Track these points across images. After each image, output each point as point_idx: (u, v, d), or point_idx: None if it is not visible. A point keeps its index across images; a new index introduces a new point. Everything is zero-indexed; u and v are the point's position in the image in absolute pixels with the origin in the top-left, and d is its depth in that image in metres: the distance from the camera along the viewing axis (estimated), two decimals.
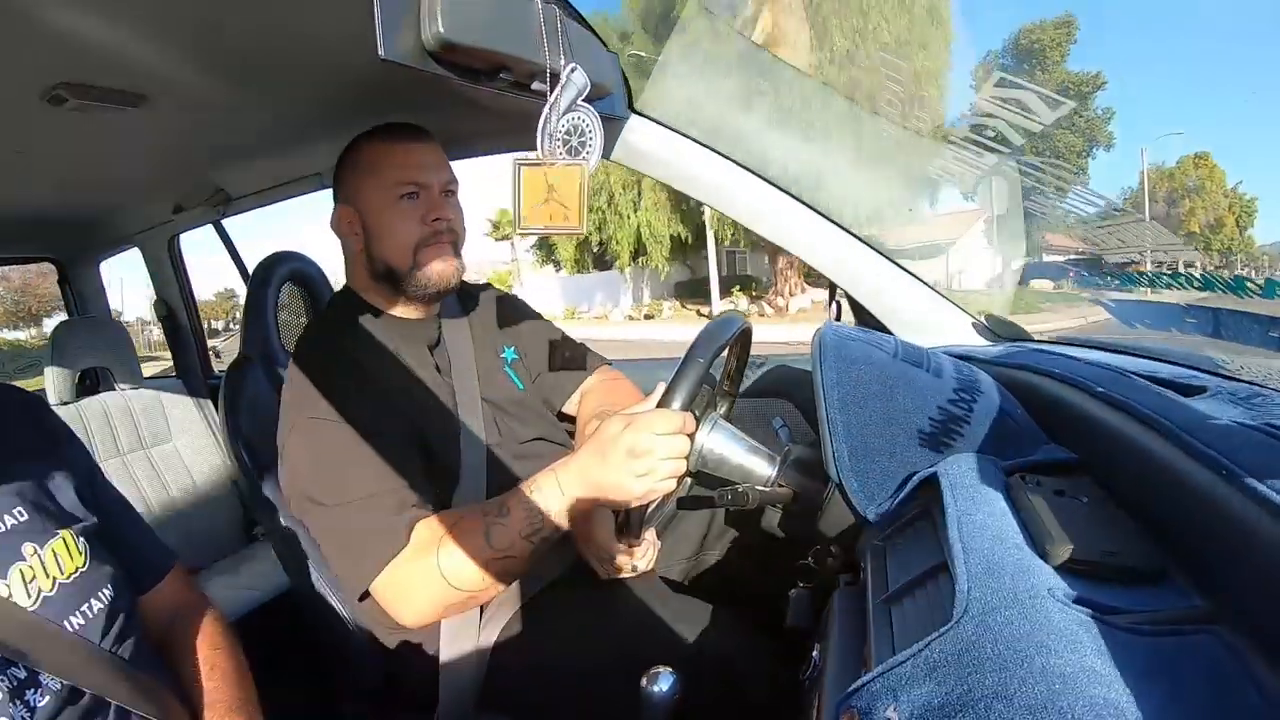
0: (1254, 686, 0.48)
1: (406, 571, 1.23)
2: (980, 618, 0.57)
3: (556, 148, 1.10)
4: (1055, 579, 0.61)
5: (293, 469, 1.35)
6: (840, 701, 0.59)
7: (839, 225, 1.69)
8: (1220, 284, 1.10)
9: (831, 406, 0.99)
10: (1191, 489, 0.62)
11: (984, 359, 1.32)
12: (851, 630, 0.85)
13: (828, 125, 1.85)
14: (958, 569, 0.64)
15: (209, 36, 1.20)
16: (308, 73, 1.39)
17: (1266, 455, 0.60)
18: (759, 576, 1.44)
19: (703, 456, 1.32)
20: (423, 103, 1.56)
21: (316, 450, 1.32)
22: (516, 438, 1.55)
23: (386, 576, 1.23)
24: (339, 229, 1.48)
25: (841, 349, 1.05)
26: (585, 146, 1.12)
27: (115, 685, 0.95)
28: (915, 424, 0.97)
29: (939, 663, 0.55)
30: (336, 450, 1.30)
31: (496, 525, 1.20)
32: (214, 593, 1.73)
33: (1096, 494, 0.79)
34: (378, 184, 1.41)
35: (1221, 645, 0.52)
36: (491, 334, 1.68)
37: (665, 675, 1.09)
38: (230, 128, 1.70)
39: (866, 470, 0.96)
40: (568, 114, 1.11)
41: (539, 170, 1.09)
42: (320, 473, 1.30)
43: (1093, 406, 0.90)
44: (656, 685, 1.08)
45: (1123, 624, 0.55)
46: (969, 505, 0.76)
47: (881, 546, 0.90)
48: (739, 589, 1.51)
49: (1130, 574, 0.63)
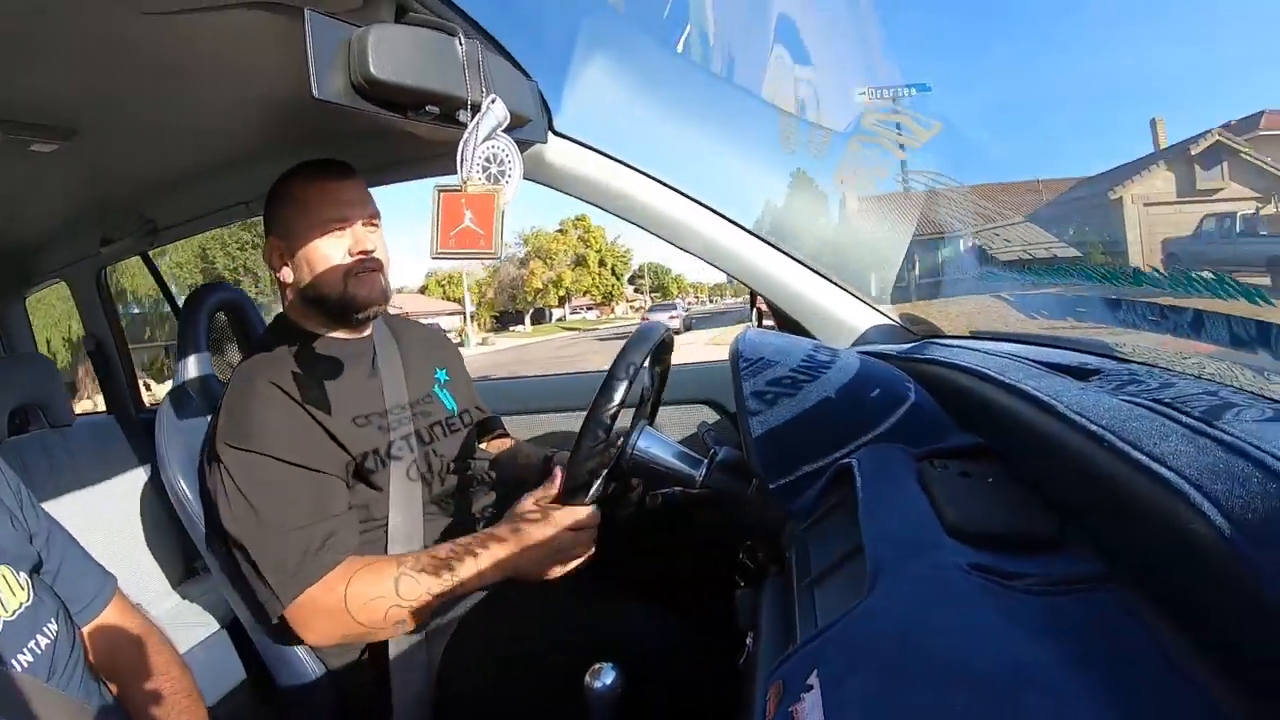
0: (1148, 637, 0.51)
1: (315, 601, 1.29)
2: (889, 589, 0.60)
3: (476, 173, 1.12)
4: (960, 550, 0.64)
5: (219, 496, 1.38)
6: (768, 676, 0.62)
7: (756, 235, 1.73)
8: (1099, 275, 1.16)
9: (750, 409, 1.03)
10: (1084, 463, 0.66)
11: (896, 355, 1.37)
12: (780, 615, 0.88)
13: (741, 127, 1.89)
14: (868, 548, 0.67)
15: (143, 71, 1.20)
16: (239, 104, 1.41)
17: (1149, 427, 0.64)
18: (693, 573, 1.48)
19: (633, 461, 1.35)
20: (350, 132, 1.60)
21: (244, 479, 1.35)
22: (448, 455, 1.58)
23: (298, 605, 1.30)
24: (270, 260, 1.54)
25: (757, 352, 1.10)
26: (504, 175, 1.14)
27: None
28: (829, 419, 1.01)
29: (853, 632, 0.57)
30: (263, 480, 1.34)
31: (407, 577, 1.28)
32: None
33: (1000, 474, 0.83)
34: (307, 220, 1.47)
35: (1117, 602, 0.55)
36: (424, 357, 1.73)
37: (607, 670, 1.12)
38: (159, 159, 1.70)
39: (786, 466, 0.99)
40: (487, 142, 1.13)
41: (457, 196, 1.10)
42: (246, 501, 1.33)
43: (994, 394, 0.94)
44: (599, 680, 1.11)
45: (1021, 587, 0.58)
46: (880, 490, 0.80)
47: (803, 536, 0.93)
48: (675, 586, 1.54)
49: (1030, 542, 0.66)
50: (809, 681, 0.54)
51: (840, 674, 0.54)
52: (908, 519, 0.71)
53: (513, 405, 2.20)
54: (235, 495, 1.35)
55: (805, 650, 0.60)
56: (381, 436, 1.48)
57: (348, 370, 1.52)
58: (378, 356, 1.60)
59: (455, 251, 1.11)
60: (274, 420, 1.38)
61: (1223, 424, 0.61)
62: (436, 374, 1.73)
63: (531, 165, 1.65)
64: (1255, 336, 0.84)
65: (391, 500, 1.45)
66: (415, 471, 1.48)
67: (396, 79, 1.07)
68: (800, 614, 0.78)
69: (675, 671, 1.30)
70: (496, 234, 1.12)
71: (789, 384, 1.04)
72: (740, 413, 1.05)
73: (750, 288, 1.77)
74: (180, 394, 1.71)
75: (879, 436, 0.98)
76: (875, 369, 1.11)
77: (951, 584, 0.58)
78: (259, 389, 1.40)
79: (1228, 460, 0.53)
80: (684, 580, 1.54)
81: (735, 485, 1.25)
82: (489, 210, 1.11)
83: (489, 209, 1.11)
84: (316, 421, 1.41)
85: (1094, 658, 0.49)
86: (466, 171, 1.11)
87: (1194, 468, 0.54)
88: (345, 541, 1.34)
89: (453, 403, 1.71)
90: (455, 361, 1.84)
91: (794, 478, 0.98)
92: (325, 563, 1.30)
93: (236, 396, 1.42)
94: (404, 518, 1.45)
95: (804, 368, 1.06)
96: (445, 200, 1.10)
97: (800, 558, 0.89)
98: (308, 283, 1.49)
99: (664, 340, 1.40)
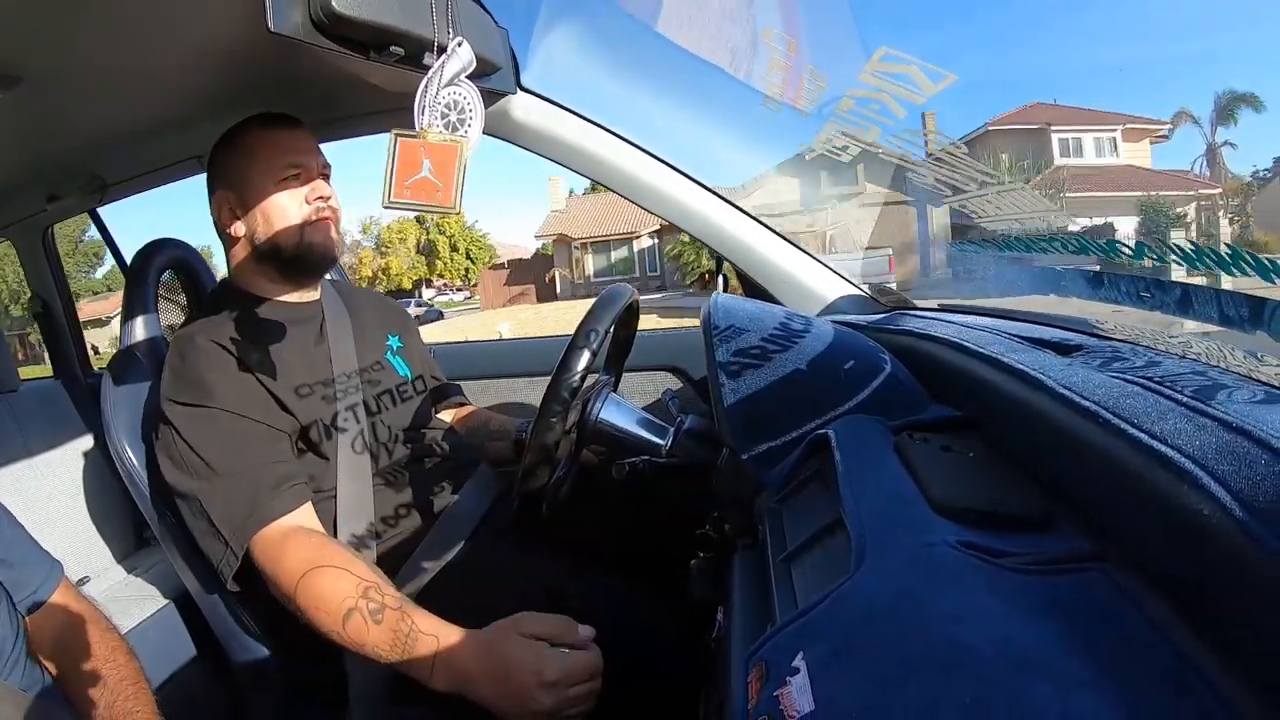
0: (1142, 616, 0.50)
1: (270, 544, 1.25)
2: (876, 567, 0.58)
3: (435, 120, 1.07)
4: (946, 527, 0.63)
5: (167, 456, 1.34)
6: (749, 657, 0.59)
7: (726, 199, 1.71)
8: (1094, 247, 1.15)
9: (721, 375, 1.00)
10: (1074, 439, 0.65)
11: (868, 325, 1.35)
12: (754, 590, 0.86)
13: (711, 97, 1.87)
14: (851, 523, 0.65)
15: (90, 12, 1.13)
16: (187, 52, 1.34)
17: (1140, 405, 0.62)
18: (659, 547, 1.46)
19: (596, 430, 1.33)
20: (304, 81, 1.54)
21: (193, 434, 1.31)
22: (397, 425, 1.55)
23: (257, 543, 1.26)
24: (219, 214, 1.49)
25: (729, 319, 1.07)
26: (465, 124, 1.09)
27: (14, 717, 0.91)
28: (804, 389, 0.99)
29: (840, 612, 0.55)
30: (213, 433, 1.31)
31: (355, 619, 1.16)
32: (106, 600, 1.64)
33: (982, 449, 0.81)
34: (263, 167, 1.44)
35: (1109, 580, 0.54)
36: (376, 323, 1.69)
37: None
38: (108, 112, 1.62)
39: (759, 436, 0.97)
40: (449, 88, 1.08)
41: (415, 143, 1.06)
42: (196, 455, 1.30)
43: (975, 366, 0.92)
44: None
45: (1012, 565, 0.56)
46: (859, 463, 0.78)
47: (778, 509, 0.91)
48: (640, 560, 1.52)
49: (1018, 521, 0.65)
50: (794, 664, 0.52)
51: (829, 657, 0.52)
52: (891, 494, 0.69)
53: (472, 371, 2.17)
54: (185, 451, 1.31)
55: (788, 630, 0.58)
56: (326, 407, 1.44)
57: (295, 335, 1.48)
58: (326, 322, 1.57)
59: (409, 202, 1.07)
60: (221, 376, 1.35)
61: (1217, 404, 0.60)
62: (389, 340, 1.70)
63: (496, 119, 1.62)
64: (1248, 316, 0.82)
65: (339, 471, 1.42)
66: (361, 444, 1.45)
67: (359, 14, 1.02)
68: (777, 590, 0.76)
69: (641, 649, 1.28)
70: (457, 187, 1.08)
71: (762, 352, 1.01)
72: (711, 381, 1.02)
73: (719, 253, 1.75)
74: (126, 357, 1.64)
75: (855, 407, 0.96)
76: (850, 338, 1.09)
77: (942, 562, 0.56)
78: (202, 346, 1.37)
79: (1232, 440, 0.52)
80: (649, 552, 1.52)
81: (704, 455, 1.23)
82: (450, 161, 1.07)
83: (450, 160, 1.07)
84: (262, 385, 1.38)
85: (1092, 640, 0.48)
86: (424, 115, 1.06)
87: (1197, 447, 0.52)
88: (300, 491, 1.31)
89: (405, 368, 1.68)
90: (409, 328, 1.80)
91: (767, 448, 0.96)
92: (281, 505, 1.27)
93: (179, 356, 1.38)
94: (352, 489, 1.41)
95: (778, 335, 1.04)
96: (402, 147, 1.05)
97: (775, 531, 0.87)
98: (262, 233, 1.45)
99: (630, 305, 1.37)
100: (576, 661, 1.09)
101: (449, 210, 1.10)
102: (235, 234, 1.48)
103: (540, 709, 1.05)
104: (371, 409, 1.52)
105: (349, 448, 1.43)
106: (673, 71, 1.79)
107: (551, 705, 1.06)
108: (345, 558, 1.23)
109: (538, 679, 1.06)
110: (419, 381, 1.69)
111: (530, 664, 1.07)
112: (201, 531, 1.32)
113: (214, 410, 1.31)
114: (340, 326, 1.58)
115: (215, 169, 1.50)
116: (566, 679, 1.07)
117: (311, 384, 1.44)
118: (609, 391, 1.37)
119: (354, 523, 1.39)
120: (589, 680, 1.09)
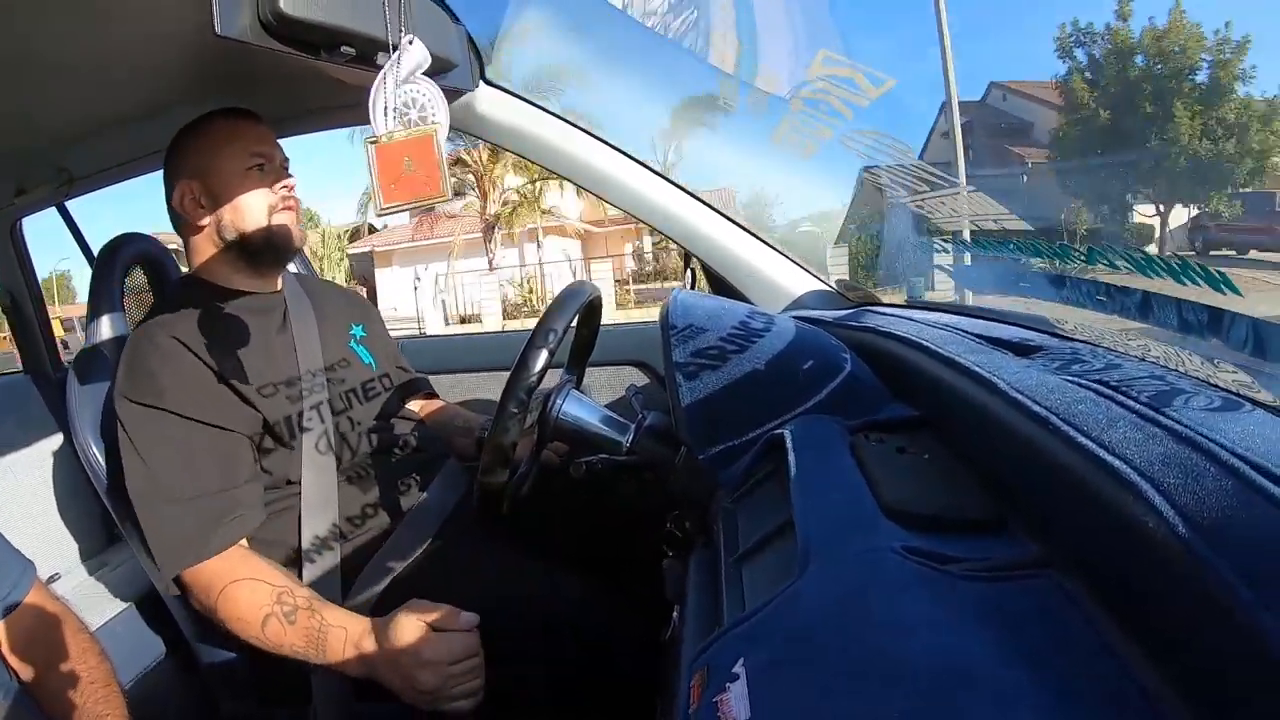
0: (1086, 625, 0.49)
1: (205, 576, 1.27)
2: (820, 572, 0.57)
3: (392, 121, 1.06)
4: (895, 532, 0.62)
5: (120, 454, 1.33)
6: (692, 661, 0.59)
7: (692, 194, 1.70)
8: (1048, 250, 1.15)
9: (678, 376, 1.00)
10: (1024, 444, 0.64)
11: (831, 322, 1.35)
12: (707, 591, 0.85)
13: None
14: (800, 525, 0.64)
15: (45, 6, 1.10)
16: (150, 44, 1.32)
17: (1095, 411, 0.62)
18: (621, 545, 1.45)
19: (558, 428, 1.31)
20: (263, 78, 1.54)
21: (142, 437, 1.30)
22: (364, 422, 1.53)
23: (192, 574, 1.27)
24: (182, 205, 1.47)
25: (688, 318, 1.06)
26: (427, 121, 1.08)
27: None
28: (762, 387, 0.98)
29: (783, 617, 0.55)
30: (162, 438, 1.30)
31: (272, 623, 1.22)
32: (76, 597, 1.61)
33: (938, 450, 0.81)
34: (226, 154, 1.44)
35: (1056, 588, 0.53)
36: (338, 314, 1.67)
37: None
38: (73, 106, 1.59)
39: (716, 436, 0.96)
40: (405, 86, 1.07)
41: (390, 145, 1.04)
42: (142, 461, 1.29)
43: (932, 366, 0.92)
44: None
45: (958, 572, 0.55)
46: (813, 463, 0.77)
47: (732, 509, 0.90)
48: (599, 557, 1.52)
49: (969, 525, 0.64)
50: (735, 670, 0.52)
51: (767, 664, 0.51)
52: (842, 497, 0.69)
53: (439, 364, 2.15)
54: (132, 455, 1.30)
55: (731, 635, 0.57)
56: (291, 406, 1.42)
57: (258, 327, 1.46)
58: (289, 311, 1.55)
59: (401, 203, 1.07)
60: (177, 374, 1.32)
61: (1172, 411, 0.59)
62: (352, 329, 1.67)
63: (460, 114, 1.61)
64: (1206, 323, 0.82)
65: (305, 468, 1.40)
66: (326, 444, 1.43)
67: (308, 15, 1.01)
68: (727, 592, 0.76)
69: (599, 646, 1.27)
70: (443, 174, 1.07)
71: (719, 352, 1.00)
72: (669, 380, 1.01)
73: (685, 248, 1.74)
74: (92, 355, 1.61)
75: (813, 407, 0.95)
76: (811, 336, 1.08)
77: (886, 569, 0.56)
78: (160, 342, 1.34)
79: (1179, 451, 0.51)
80: (609, 550, 1.51)
81: (663, 452, 1.22)
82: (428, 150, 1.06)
83: (428, 149, 1.06)
84: (224, 381, 1.35)
85: (1034, 648, 0.47)
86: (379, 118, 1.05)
87: (1144, 458, 0.51)
88: (249, 519, 1.31)
89: (371, 359, 1.66)
90: (373, 317, 1.78)
91: (723, 448, 0.95)
92: (216, 544, 1.26)
93: (135, 351, 1.35)
94: (317, 486, 1.40)
95: (737, 334, 1.03)
96: (378, 153, 1.05)
97: (729, 532, 0.86)
98: (229, 222, 1.44)
99: (591, 302, 1.36)
100: (453, 642, 1.16)
101: (441, 199, 1.09)
102: (199, 224, 1.46)
103: (425, 688, 1.13)
104: (337, 407, 1.50)
105: (313, 448, 1.42)
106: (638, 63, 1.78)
107: (435, 683, 1.13)
108: (258, 567, 1.27)
109: (417, 659, 1.13)
110: (385, 378, 1.67)
111: (412, 646, 1.15)
112: (141, 539, 1.33)
113: (166, 414, 1.29)
114: (303, 316, 1.56)
115: (177, 160, 1.48)
116: (445, 658, 1.14)
117: (276, 383, 1.42)
118: (570, 389, 1.36)
119: (319, 522, 1.38)
120: (467, 659, 1.16)
